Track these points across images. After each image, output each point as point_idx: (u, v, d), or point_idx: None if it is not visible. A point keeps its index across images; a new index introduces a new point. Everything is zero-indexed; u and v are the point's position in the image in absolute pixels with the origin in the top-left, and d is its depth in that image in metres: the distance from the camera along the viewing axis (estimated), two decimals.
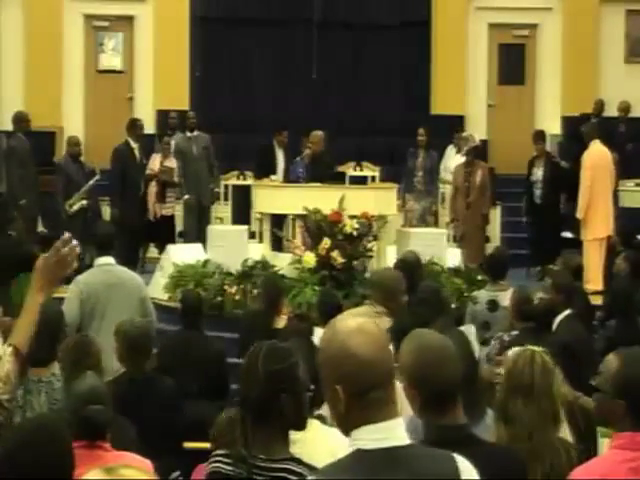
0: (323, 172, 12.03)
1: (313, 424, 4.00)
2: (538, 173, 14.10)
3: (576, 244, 12.51)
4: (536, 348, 4.37)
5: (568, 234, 13.55)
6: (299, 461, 3.45)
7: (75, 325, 7.36)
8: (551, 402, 4.25)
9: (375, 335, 2.73)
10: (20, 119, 13.69)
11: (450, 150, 15.87)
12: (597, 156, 12.61)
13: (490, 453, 3.50)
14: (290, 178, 12.93)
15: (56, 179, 13.54)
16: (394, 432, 2.69)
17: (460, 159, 14.40)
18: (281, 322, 7.88)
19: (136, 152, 13.77)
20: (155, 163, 14.00)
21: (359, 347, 2.67)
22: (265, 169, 13.77)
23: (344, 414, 2.69)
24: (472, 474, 2.78)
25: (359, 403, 2.67)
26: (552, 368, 4.30)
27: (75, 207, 12.99)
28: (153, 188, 13.82)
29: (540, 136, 14.68)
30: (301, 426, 3.50)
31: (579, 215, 12.62)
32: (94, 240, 8.15)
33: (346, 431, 2.72)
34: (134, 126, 13.94)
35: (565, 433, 4.50)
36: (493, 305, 8.37)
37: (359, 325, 2.74)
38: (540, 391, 4.23)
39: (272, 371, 3.45)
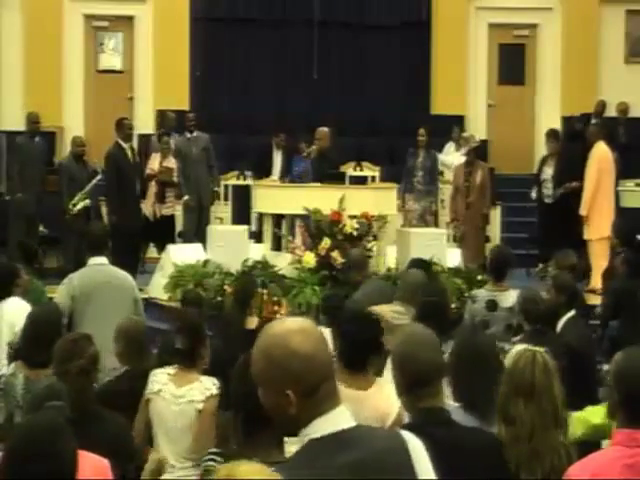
0: (327, 169, 12.02)
1: None
2: (548, 172, 13.93)
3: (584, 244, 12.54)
4: (537, 348, 4.36)
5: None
6: None
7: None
8: (552, 402, 4.24)
9: (311, 331, 2.74)
10: (32, 120, 13.77)
11: (449, 147, 15.89)
12: (603, 156, 12.67)
13: (468, 434, 3.77)
14: (291, 177, 12.92)
15: (59, 178, 13.50)
16: (340, 417, 2.72)
17: (460, 157, 14.40)
18: (252, 323, 7.89)
19: (128, 152, 13.44)
20: (154, 163, 13.95)
21: (301, 345, 2.67)
22: (263, 170, 13.81)
23: (296, 415, 2.69)
24: (421, 450, 2.82)
25: (311, 401, 2.68)
26: (553, 368, 4.29)
27: (79, 206, 12.95)
28: (153, 188, 13.76)
29: (553, 135, 14.39)
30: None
31: (583, 211, 12.64)
32: (88, 240, 8.16)
33: (297, 430, 2.73)
34: (121, 126, 13.47)
35: None
36: (492, 305, 8.36)
37: (296, 325, 2.74)
38: (541, 391, 4.21)
39: None
